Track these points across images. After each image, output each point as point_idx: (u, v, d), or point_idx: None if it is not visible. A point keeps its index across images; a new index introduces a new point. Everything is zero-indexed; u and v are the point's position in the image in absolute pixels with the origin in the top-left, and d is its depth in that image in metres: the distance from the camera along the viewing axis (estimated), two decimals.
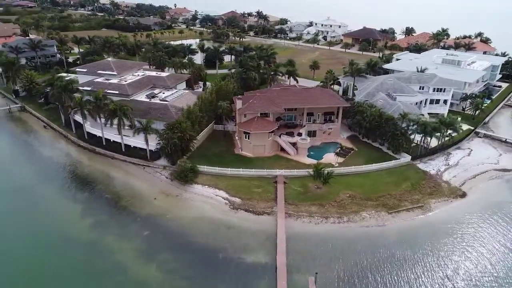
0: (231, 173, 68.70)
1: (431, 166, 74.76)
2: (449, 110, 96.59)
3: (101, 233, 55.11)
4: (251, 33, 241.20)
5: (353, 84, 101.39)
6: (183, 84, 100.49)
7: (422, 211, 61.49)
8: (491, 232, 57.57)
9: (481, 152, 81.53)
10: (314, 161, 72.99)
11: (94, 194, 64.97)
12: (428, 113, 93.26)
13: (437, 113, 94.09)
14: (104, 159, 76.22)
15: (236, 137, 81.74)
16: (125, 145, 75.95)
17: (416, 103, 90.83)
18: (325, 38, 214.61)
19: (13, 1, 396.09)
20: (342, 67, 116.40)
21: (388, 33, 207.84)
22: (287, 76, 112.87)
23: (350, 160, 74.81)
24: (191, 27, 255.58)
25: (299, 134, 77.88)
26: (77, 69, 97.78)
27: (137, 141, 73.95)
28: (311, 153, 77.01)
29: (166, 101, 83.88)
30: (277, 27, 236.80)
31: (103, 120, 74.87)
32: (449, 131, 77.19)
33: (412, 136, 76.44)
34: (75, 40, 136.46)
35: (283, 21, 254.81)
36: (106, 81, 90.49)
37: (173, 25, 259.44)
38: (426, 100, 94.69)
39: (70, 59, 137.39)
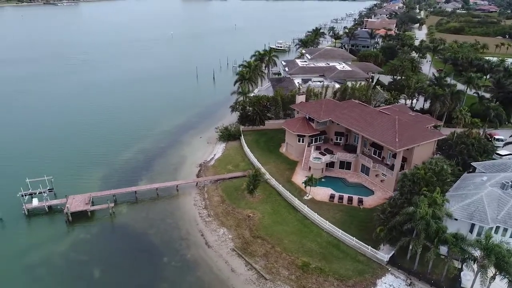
0: (244, 150, 74.60)
1: None
2: None
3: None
4: None
5: None
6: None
7: (254, 277, 44.47)
8: None
9: None
10: (301, 185, 61.97)
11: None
12: None
13: None
14: None
15: None
16: None
17: None
18: None
19: (478, 6, 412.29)
20: None
21: None
22: None
23: (332, 211, 55.79)
24: None
25: (328, 152, 65.26)
26: (303, 50, 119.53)
27: None
28: (323, 180, 63.22)
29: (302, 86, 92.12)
30: None
31: None
32: None
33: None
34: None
35: None
36: (300, 61, 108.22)
37: None
38: None
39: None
